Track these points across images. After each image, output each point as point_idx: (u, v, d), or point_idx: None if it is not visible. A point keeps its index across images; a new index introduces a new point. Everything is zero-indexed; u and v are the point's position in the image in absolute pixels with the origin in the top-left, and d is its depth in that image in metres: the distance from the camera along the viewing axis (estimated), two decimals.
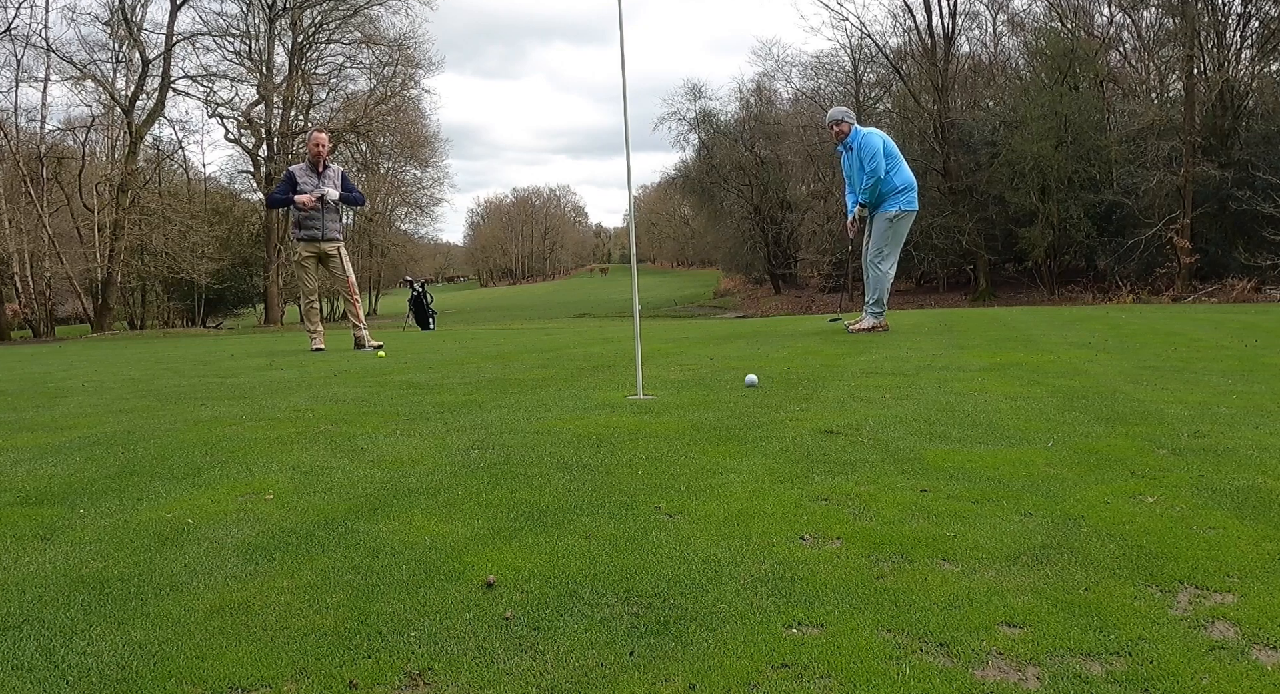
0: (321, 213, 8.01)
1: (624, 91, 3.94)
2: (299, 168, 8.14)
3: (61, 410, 3.96)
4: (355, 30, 33.72)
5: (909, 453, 2.47)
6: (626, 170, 4.00)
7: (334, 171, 8.18)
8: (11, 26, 26.52)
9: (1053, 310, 15.89)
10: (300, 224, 8.02)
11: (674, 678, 1.18)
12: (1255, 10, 26.77)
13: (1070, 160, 27.75)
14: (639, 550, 1.68)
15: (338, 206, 8.14)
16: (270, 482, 2.32)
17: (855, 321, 7.65)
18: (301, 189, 7.95)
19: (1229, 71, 26.64)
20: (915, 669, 1.18)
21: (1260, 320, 9.01)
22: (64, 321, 33.76)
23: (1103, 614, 1.34)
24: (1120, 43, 31.24)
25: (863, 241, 7.65)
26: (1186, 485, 2.06)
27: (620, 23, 3.81)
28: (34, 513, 2.08)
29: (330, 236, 8.10)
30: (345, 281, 8.19)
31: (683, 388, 3.99)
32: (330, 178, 8.10)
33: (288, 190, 8.06)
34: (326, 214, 8.05)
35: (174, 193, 35.45)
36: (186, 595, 1.51)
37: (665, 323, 17.84)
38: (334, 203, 8.04)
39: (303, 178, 8.01)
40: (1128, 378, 4.01)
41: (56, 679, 1.22)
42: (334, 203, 8.04)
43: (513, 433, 2.92)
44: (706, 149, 44.25)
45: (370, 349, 7.74)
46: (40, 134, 28.99)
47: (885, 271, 7.35)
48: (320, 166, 8.06)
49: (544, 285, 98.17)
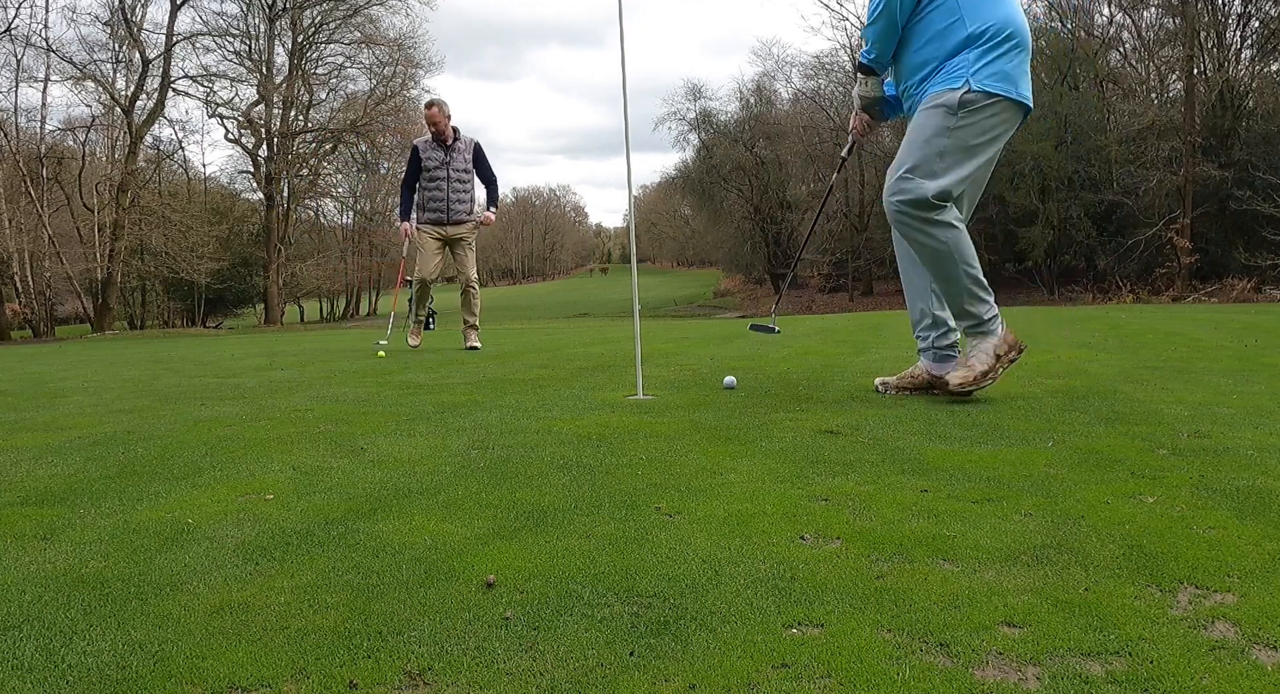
0: (446, 191, 6.99)
1: (624, 91, 3.94)
2: (423, 140, 7.05)
3: (61, 410, 3.96)
4: (355, 30, 33.74)
5: (909, 453, 2.47)
6: (627, 170, 4.00)
7: (465, 143, 7.03)
8: (11, 26, 26.55)
9: (1053, 310, 15.89)
10: (423, 206, 7.07)
11: (674, 678, 1.18)
12: (1255, 10, 26.77)
13: (1070, 160, 27.77)
14: (639, 550, 1.68)
15: (466, 181, 7.06)
16: (270, 482, 2.32)
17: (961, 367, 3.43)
18: (426, 166, 7.00)
19: (1229, 71, 26.64)
20: (915, 669, 1.18)
21: (1260, 320, 9.01)
22: (64, 321, 33.76)
23: (1103, 614, 1.34)
24: (1120, 43, 31.25)
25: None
26: (1186, 485, 2.06)
27: (620, 22, 3.81)
28: (34, 513, 2.08)
29: (458, 219, 7.07)
30: (467, 275, 7.21)
31: (683, 388, 3.99)
32: (461, 152, 7.00)
33: (411, 179, 7.14)
34: (453, 191, 7.00)
35: (174, 193, 35.47)
36: (186, 595, 1.51)
37: (665, 323, 17.85)
38: (463, 180, 6.99)
39: (427, 153, 7.01)
40: (1128, 378, 4.01)
41: (56, 679, 1.22)
42: (463, 180, 6.99)
43: (513, 433, 2.92)
44: (706, 149, 44.24)
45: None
46: (40, 134, 29.01)
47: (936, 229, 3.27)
48: (449, 140, 6.98)
49: (544, 285, 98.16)
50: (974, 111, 3.21)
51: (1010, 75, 3.23)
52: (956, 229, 3.28)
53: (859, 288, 38.17)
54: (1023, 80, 3.29)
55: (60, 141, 30.75)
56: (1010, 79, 3.24)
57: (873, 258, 36.14)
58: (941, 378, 3.46)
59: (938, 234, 3.26)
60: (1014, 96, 3.25)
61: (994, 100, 3.21)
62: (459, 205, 7.07)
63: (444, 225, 7.08)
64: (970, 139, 3.24)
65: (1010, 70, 3.23)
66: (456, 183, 7.05)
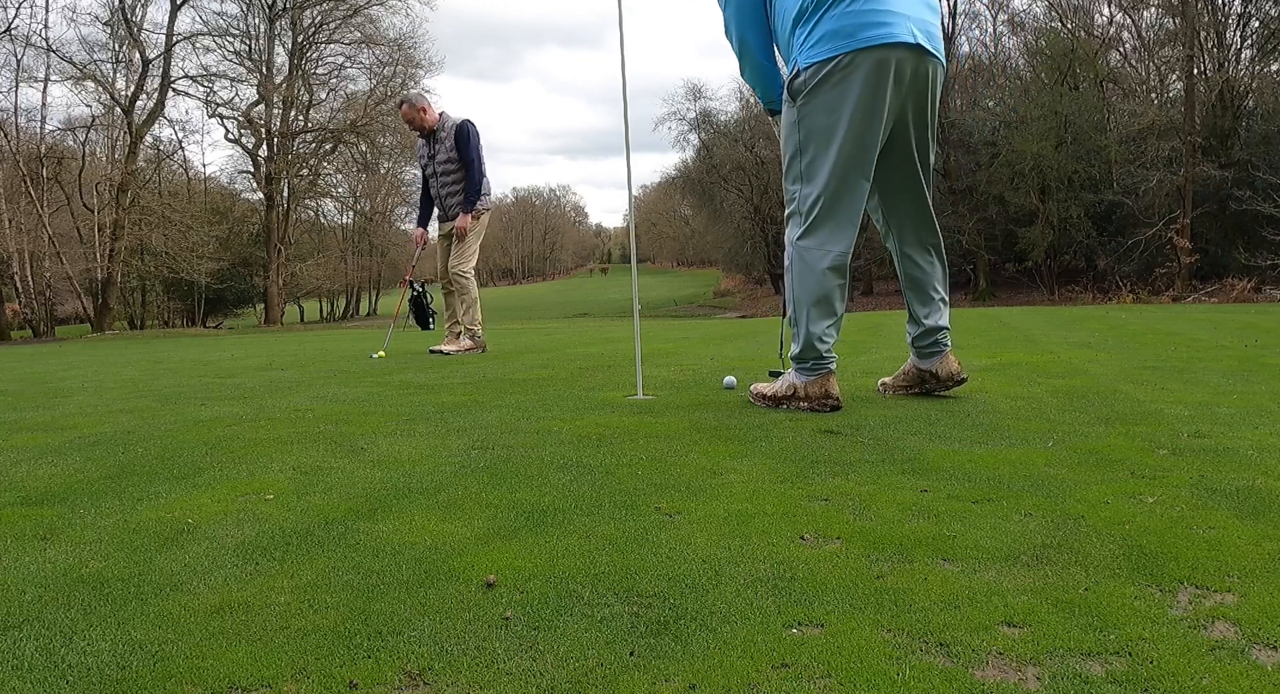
0: (438, 188, 6.76)
1: (624, 92, 3.94)
2: (419, 140, 6.88)
3: (61, 410, 3.96)
4: (355, 30, 33.76)
5: (909, 453, 2.47)
6: (627, 170, 4.00)
7: (448, 130, 6.63)
8: (11, 26, 26.56)
9: (1053, 310, 15.89)
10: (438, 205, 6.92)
11: (674, 678, 1.18)
12: (1255, 10, 26.78)
13: (1070, 160, 27.77)
14: (639, 550, 1.68)
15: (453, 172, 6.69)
16: (270, 482, 2.31)
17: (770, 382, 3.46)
18: (420, 166, 6.87)
19: (1229, 71, 26.65)
20: (915, 669, 1.18)
21: (1260, 320, 9.01)
22: (64, 321, 33.77)
23: (1103, 614, 1.34)
24: (1120, 43, 31.26)
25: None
26: (1186, 485, 2.06)
27: (620, 22, 3.81)
28: (34, 513, 2.08)
29: (453, 214, 6.76)
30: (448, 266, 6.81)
31: (683, 388, 3.99)
32: (443, 141, 6.65)
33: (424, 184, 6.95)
34: (442, 186, 6.74)
35: (174, 193, 35.46)
36: (186, 595, 1.51)
37: (665, 323, 17.85)
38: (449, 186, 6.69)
39: (420, 152, 6.85)
40: (1128, 378, 4.01)
41: (56, 679, 1.22)
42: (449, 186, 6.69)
43: (513, 433, 2.92)
44: (706, 149, 44.27)
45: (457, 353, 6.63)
46: (40, 134, 29.02)
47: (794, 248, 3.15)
48: (431, 133, 6.67)
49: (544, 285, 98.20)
50: (812, 91, 2.91)
51: (842, 29, 2.84)
52: (804, 262, 3.09)
53: (859, 287, 38.19)
54: (865, 20, 2.84)
55: (60, 141, 30.76)
56: (843, 33, 2.84)
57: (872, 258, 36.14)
58: (930, 371, 3.45)
59: (792, 253, 3.16)
60: (850, 48, 2.84)
61: (829, 63, 2.86)
62: (451, 198, 6.76)
63: (444, 221, 6.88)
64: (821, 119, 2.91)
65: (842, 25, 2.84)
66: (444, 176, 6.71)
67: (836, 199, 3.01)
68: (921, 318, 3.39)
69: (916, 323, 3.42)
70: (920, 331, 3.41)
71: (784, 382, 3.29)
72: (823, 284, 3.09)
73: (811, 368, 3.19)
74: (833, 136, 2.92)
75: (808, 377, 3.20)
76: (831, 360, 3.19)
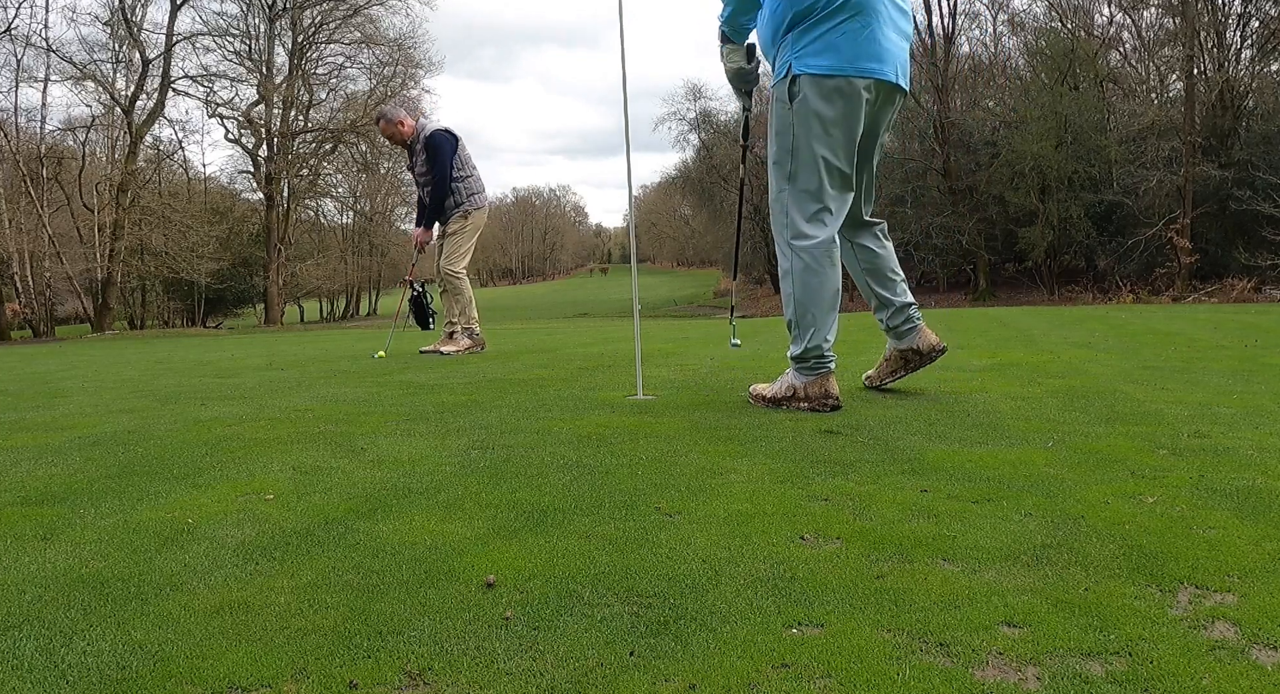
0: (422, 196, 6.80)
1: (624, 92, 3.95)
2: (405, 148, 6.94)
3: (61, 410, 3.96)
4: (355, 30, 33.75)
5: (909, 453, 2.47)
6: (627, 170, 4.00)
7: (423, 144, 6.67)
8: (11, 26, 26.56)
9: (1053, 310, 15.89)
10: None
11: (674, 678, 1.18)
12: (1255, 10, 26.77)
13: (1070, 160, 27.76)
14: (639, 550, 1.68)
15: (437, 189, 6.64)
16: (270, 482, 2.32)
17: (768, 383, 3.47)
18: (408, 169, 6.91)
19: (1229, 71, 26.65)
20: (915, 669, 1.18)
21: (1260, 320, 9.01)
22: (64, 321, 33.78)
23: (1103, 614, 1.34)
24: (1120, 43, 31.26)
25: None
26: (1186, 485, 2.06)
27: (621, 23, 3.81)
28: (34, 513, 2.08)
29: (445, 218, 6.77)
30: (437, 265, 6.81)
31: (683, 388, 3.99)
32: (418, 153, 6.69)
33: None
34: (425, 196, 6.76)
35: (174, 193, 35.47)
36: (186, 595, 1.51)
37: (665, 323, 17.85)
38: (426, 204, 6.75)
39: (407, 163, 6.96)
40: (1128, 378, 4.01)
41: (56, 679, 1.22)
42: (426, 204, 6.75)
43: (513, 433, 2.92)
44: (706, 149, 44.27)
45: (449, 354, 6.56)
46: (40, 134, 29.02)
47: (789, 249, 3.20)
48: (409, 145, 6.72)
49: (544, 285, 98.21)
50: (808, 100, 3.02)
51: (842, 49, 2.96)
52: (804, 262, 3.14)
53: (852, 289, 38.12)
54: (864, 50, 2.97)
55: (60, 141, 30.77)
56: (842, 53, 2.96)
57: None
58: (912, 348, 3.51)
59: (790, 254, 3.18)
60: (849, 73, 2.98)
61: (829, 79, 2.99)
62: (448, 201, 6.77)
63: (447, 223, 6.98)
64: (814, 126, 3.04)
65: (841, 45, 2.96)
66: (426, 187, 6.76)
67: (830, 200, 3.17)
68: (890, 298, 3.47)
69: (886, 305, 3.49)
70: (892, 311, 3.48)
71: (783, 382, 3.33)
72: (823, 283, 3.18)
73: (811, 368, 3.24)
74: (824, 143, 3.09)
75: (807, 377, 3.25)
76: (831, 360, 3.24)
